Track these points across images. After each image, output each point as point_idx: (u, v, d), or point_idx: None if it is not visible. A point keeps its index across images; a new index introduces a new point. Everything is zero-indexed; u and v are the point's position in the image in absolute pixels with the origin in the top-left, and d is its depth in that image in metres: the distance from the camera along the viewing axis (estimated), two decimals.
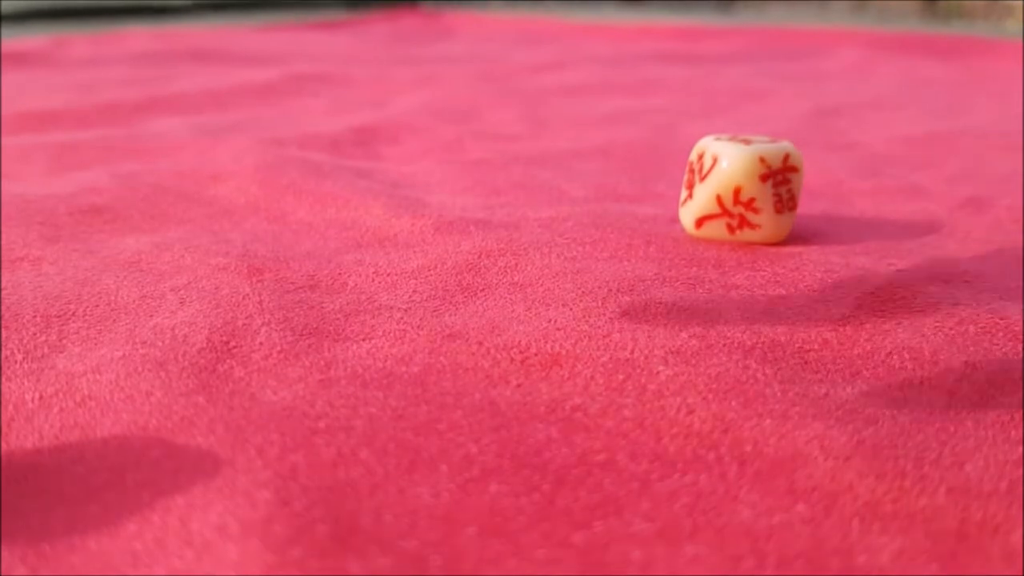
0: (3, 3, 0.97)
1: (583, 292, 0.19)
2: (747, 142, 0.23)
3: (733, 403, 0.15)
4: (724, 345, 0.17)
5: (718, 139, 0.23)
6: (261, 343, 0.17)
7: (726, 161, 0.22)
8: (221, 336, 0.17)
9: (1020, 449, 0.13)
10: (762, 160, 0.22)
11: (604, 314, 0.18)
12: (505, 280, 0.20)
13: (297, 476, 0.13)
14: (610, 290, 0.19)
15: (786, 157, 0.22)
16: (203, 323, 0.18)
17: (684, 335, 0.17)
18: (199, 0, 1.14)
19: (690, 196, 0.24)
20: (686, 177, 0.24)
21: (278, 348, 0.17)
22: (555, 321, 0.18)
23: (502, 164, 0.32)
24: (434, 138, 0.38)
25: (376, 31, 0.91)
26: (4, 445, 0.14)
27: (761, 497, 0.12)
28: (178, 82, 0.52)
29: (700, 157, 0.23)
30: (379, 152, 0.36)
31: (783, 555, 0.11)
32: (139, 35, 0.79)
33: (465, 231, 0.23)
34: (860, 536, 0.12)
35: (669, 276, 0.20)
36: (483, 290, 0.20)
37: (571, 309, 0.18)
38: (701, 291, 0.19)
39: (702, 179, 0.23)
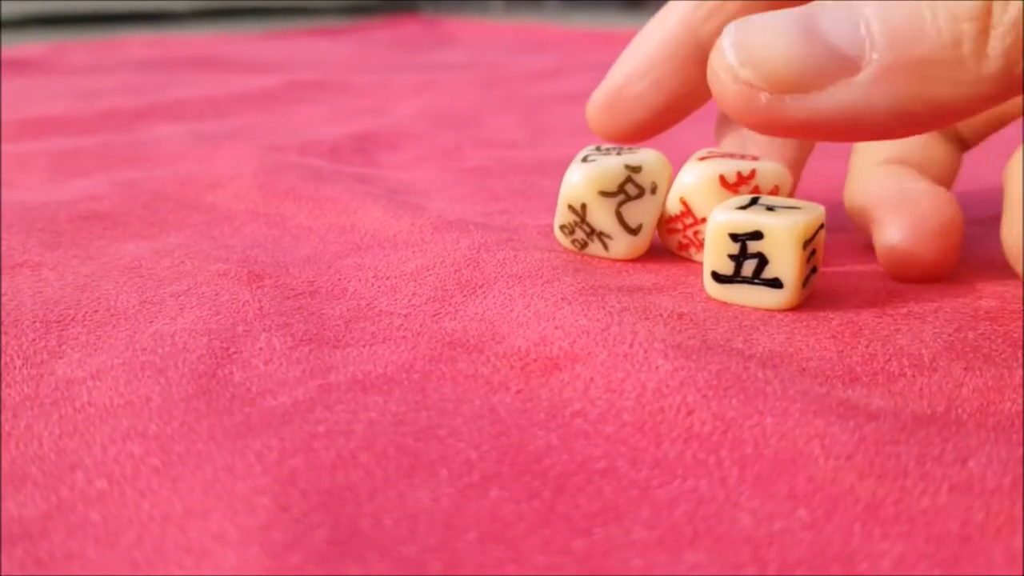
0: (2, 9, 0.97)
1: (582, 288, 0.19)
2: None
3: (733, 401, 0.14)
4: (723, 348, 0.17)
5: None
6: (261, 348, 0.17)
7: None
8: (221, 342, 0.17)
9: (1021, 450, 0.13)
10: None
11: (603, 308, 0.18)
12: (504, 272, 0.20)
13: (296, 481, 0.13)
14: (609, 290, 0.19)
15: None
16: (203, 329, 0.18)
17: (683, 336, 0.17)
18: (199, 7, 1.14)
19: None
20: None
21: (278, 353, 0.17)
22: (554, 319, 0.17)
23: (501, 172, 0.32)
24: (433, 145, 0.38)
25: (376, 38, 0.91)
26: (4, 452, 0.14)
27: (762, 502, 0.12)
28: (178, 89, 0.52)
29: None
30: (378, 159, 0.36)
31: (784, 562, 0.11)
32: (139, 42, 0.79)
33: (464, 229, 0.23)
34: (862, 542, 0.11)
35: (666, 285, 0.20)
36: (482, 286, 0.20)
37: (570, 304, 0.18)
38: (699, 300, 0.19)
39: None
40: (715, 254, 0.19)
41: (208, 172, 0.30)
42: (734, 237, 0.18)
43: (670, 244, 0.22)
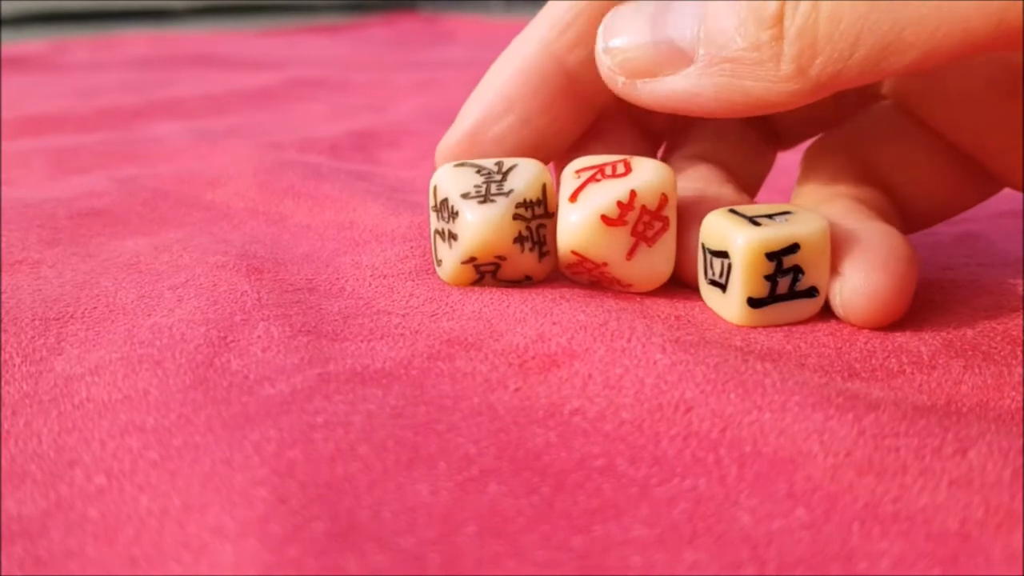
0: (2, 7, 0.97)
1: (579, 289, 0.19)
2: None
3: (732, 396, 0.14)
4: (721, 344, 0.17)
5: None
6: (259, 337, 0.17)
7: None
8: (218, 331, 0.17)
9: (1022, 442, 0.13)
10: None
11: (602, 305, 0.18)
12: None
13: (294, 473, 0.13)
14: (606, 295, 0.19)
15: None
16: (200, 319, 0.18)
17: (681, 332, 0.17)
18: (198, 5, 1.14)
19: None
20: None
21: (276, 342, 0.17)
22: (551, 314, 0.17)
23: None
24: (433, 143, 0.38)
25: (375, 35, 0.91)
26: (3, 449, 0.14)
27: (761, 501, 0.12)
28: (177, 86, 0.52)
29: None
30: (378, 156, 0.36)
31: (783, 561, 0.11)
32: (138, 39, 0.79)
33: None
34: (861, 541, 0.11)
35: (664, 293, 0.20)
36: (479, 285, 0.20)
37: (568, 301, 0.18)
38: (697, 304, 0.19)
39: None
40: (751, 279, 0.17)
41: (207, 169, 0.30)
42: (770, 256, 0.17)
43: (577, 281, 0.20)
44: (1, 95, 0.48)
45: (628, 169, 0.18)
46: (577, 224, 0.18)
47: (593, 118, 0.21)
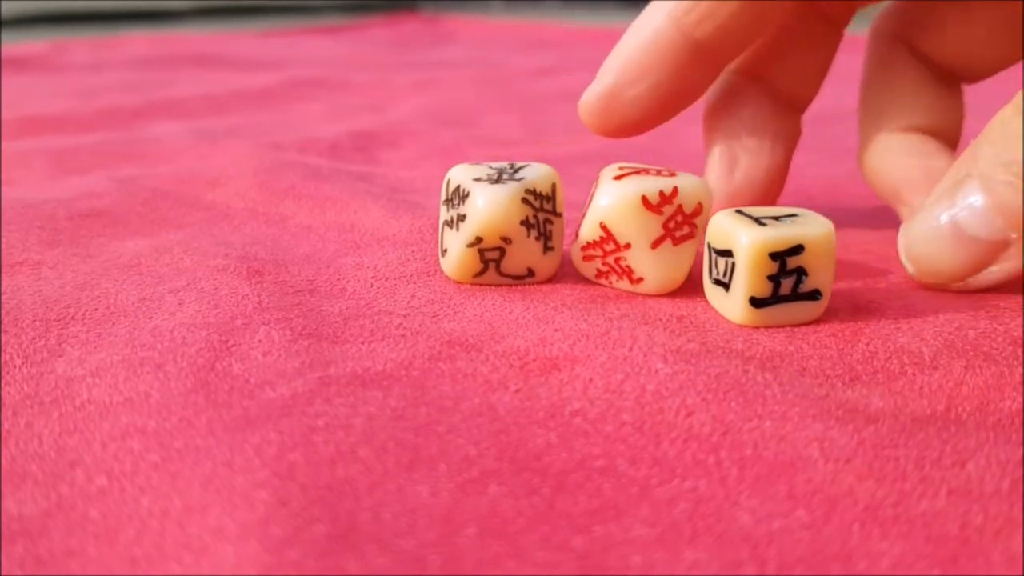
0: (2, 7, 0.97)
1: (582, 295, 0.19)
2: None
3: (733, 404, 0.15)
4: (723, 351, 0.17)
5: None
6: (260, 341, 0.17)
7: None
8: (219, 335, 0.17)
9: (1020, 452, 0.13)
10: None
11: (603, 314, 0.18)
12: None
13: (295, 475, 0.13)
14: (608, 298, 0.19)
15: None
16: (202, 323, 0.18)
17: (683, 339, 0.17)
18: (199, 5, 1.14)
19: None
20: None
21: (277, 346, 0.17)
22: (553, 322, 0.18)
23: None
24: (433, 143, 0.38)
25: (375, 36, 0.91)
26: (4, 450, 0.14)
27: (761, 502, 0.12)
28: (177, 87, 0.52)
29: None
30: (378, 157, 0.36)
31: (783, 561, 0.11)
32: (139, 40, 0.79)
33: None
34: (860, 542, 0.11)
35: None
36: (481, 288, 0.20)
37: (570, 309, 0.18)
38: (700, 302, 0.19)
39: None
40: (754, 279, 0.17)
41: (207, 170, 0.30)
42: (774, 256, 0.17)
43: (586, 271, 0.20)
44: (1, 95, 0.48)
45: (674, 174, 0.19)
46: (617, 197, 0.19)
47: (717, 74, 0.23)
